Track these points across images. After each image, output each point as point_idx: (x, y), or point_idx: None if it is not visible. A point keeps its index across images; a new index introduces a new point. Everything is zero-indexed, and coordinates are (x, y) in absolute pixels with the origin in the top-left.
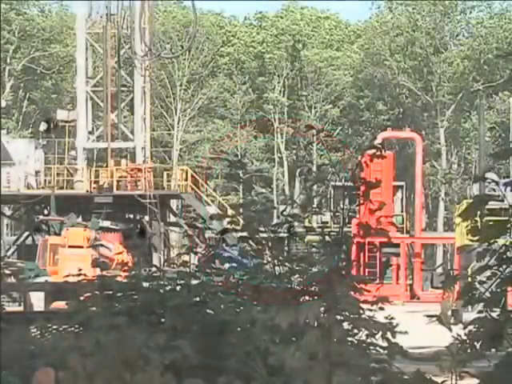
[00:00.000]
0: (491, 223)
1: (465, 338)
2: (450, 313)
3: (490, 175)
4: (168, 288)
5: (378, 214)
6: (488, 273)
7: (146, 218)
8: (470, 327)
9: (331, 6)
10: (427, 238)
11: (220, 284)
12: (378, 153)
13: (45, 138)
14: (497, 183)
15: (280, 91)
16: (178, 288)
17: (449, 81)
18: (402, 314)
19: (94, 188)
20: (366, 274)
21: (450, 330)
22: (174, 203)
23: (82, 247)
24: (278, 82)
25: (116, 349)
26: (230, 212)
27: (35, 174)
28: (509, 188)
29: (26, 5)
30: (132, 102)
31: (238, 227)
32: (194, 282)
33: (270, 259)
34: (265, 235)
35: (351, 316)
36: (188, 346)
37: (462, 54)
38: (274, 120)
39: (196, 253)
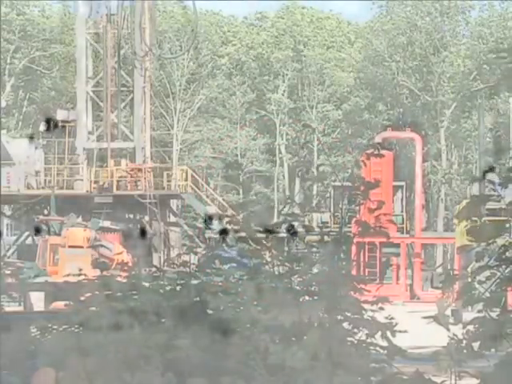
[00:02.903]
0: (489, 223)
1: (462, 338)
2: (449, 312)
3: (491, 176)
4: (168, 288)
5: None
6: (487, 273)
7: (146, 217)
8: (469, 327)
9: (332, 6)
10: (427, 238)
11: (220, 284)
12: (377, 152)
13: (45, 138)
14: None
15: (283, 92)
16: (178, 288)
17: (449, 81)
18: (401, 314)
19: (94, 188)
20: (366, 273)
21: (448, 329)
22: (174, 203)
23: (82, 247)
24: (283, 82)
25: (116, 349)
26: (229, 212)
27: (35, 173)
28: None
29: (27, 5)
30: (132, 102)
31: (237, 227)
32: (194, 281)
33: (269, 259)
34: (264, 235)
35: (351, 316)
36: (188, 346)
37: (462, 53)
38: (276, 120)
39: (196, 253)
